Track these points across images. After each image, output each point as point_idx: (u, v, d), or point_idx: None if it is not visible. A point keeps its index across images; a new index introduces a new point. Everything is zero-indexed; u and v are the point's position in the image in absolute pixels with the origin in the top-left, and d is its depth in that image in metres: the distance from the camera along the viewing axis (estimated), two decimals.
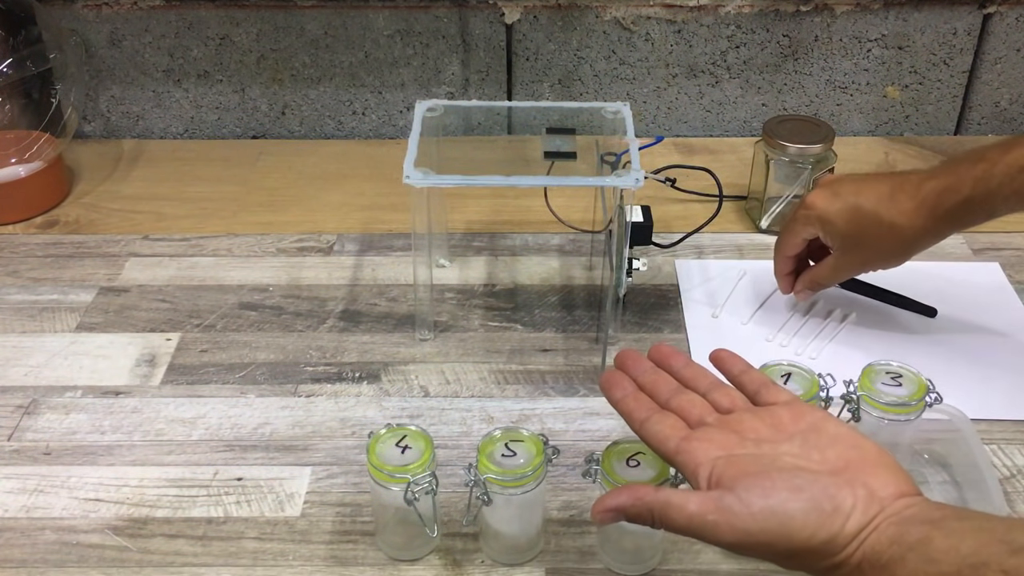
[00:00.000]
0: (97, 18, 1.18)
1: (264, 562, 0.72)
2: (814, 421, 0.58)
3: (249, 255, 1.04)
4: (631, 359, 0.66)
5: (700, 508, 0.54)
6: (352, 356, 0.90)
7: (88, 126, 1.25)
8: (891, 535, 0.50)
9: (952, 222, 0.80)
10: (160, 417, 0.84)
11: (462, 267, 1.02)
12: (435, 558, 0.72)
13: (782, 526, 0.52)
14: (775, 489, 0.53)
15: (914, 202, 0.80)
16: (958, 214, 0.78)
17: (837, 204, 0.83)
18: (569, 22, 1.18)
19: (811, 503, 0.52)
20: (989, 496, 0.71)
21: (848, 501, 0.52)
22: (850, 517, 0.51)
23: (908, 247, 0.83)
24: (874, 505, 0.52)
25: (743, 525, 0.52)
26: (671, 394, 0.63)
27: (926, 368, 0.74)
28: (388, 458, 0.67)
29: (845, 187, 0.84)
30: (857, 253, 0.85)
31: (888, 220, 0.81)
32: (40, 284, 1.00)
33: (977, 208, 0.78)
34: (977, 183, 0.77)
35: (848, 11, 1.17)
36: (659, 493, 0.56)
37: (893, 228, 0.81)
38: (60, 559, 0.72)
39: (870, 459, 0.55)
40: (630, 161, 0.83)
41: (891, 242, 0.82)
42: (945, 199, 0.78)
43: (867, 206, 0.82)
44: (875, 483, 0.53)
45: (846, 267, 0.88)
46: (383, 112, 1.24)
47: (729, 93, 1.23)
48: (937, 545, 0.49)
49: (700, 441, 0.58)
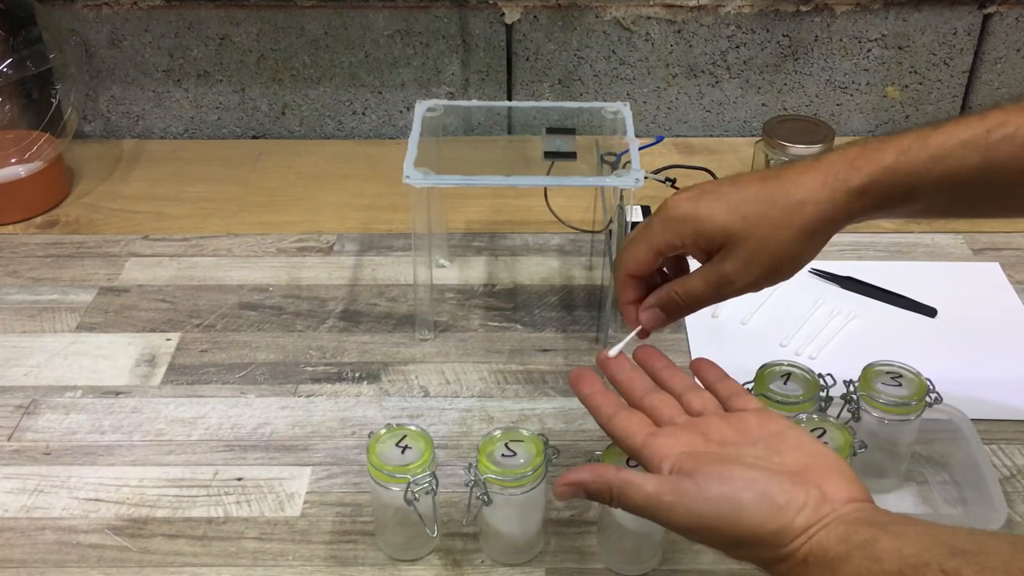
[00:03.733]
0: (97, 18, 1.18)
1: (264, 562, 0.72)
2: (779, 429, 0.59)
3: (249, 255, 1.04)
4: (613, 361, 0.67)
5: (657, 489, 0.56)
6: (352, 356, 0.90)
7: (88, 126, 1.25)
8: (839, 533, 0.52)
9: (866, 200, 0.63)
10: (160, 417, 0.84)
11: (462, 267, 1.02)
12: (435, 558, 0.72)
13: (734, 512, 0.53)
14: (732, 479, 0.54)
15: (814, 173, 0.63)
16: (875, 190, 0.62)
17: (708, 199, 0.65)
18: (569, 22, 1.18)
19: (764, 495, 0.53)
20: (989, 496, 0.71)
21: (800, 498, 0.53)
22: (800, 512, 0.53)
23: (812, 234, 0.64)
24: (825, 505, 0.53)
25: (697, 508, 0.54)
26: (645, 392, 0.64)
27: (926, 368, 0.74)
28: (388, 458, 0.67)
29: (713, 185, 0.67)
30: (742, 253, 0.64)
31: (784, 199, 0.63)
32: (40, 284, 1.00)
33: (898, 185, 0.62)
34: (902, 153, 0.62)
35: (848, 11, 1.17)
36: (620, 472, 0.58)
37: (791, 206, 0.63)
38: (60, 559, 0.72)
39: (828, 466, 0.56)
40: (630, 161, 0.83)
41: (789, 230, 0.63)
42: (859, 168, 0.62)
43: (751, 192, 0.64)
44: (829, 487, 0.54)
45: (726, 277, 0.65)
46: (383, 112, 1.24)
47: (729, 93, 1.23)
48: (882, 545, 0.50)
49: (666, 438, 0.59)
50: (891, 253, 1.03)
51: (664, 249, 0.66)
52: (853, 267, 0.99)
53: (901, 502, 0.76)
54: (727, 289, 0.66)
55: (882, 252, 1.03)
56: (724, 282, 0.65)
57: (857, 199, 0.63)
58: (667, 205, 0.66)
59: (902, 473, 0.77)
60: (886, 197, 0.63)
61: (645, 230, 0.67)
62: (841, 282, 0.97)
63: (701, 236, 0.64)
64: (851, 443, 0.68)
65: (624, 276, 0.68)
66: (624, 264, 0.68)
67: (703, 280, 0.66)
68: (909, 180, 0.62)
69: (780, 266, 0.65)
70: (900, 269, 1.00)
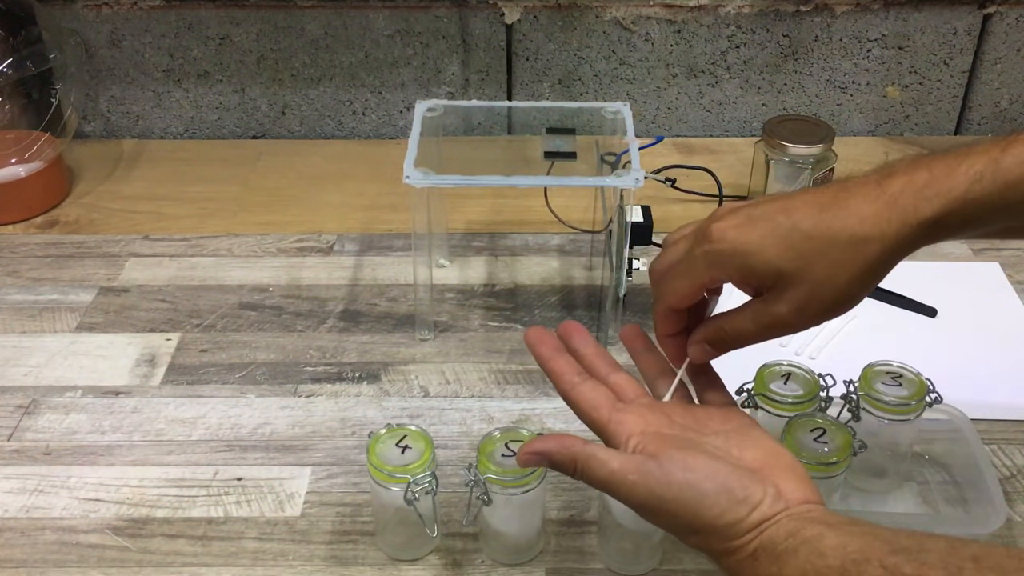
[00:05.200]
0: (97, 18, 1.18)
1: (264, 562, 0.72)
2: (741, 425, 0.60)
3: (249, 255, 1.04)
4: (577, 335, 0.67)
5: (622, 467, 0.56)
6: (352, 356, 0.90)
7: (88, 126, 1.25)
8: (789, 529, 0.53)
9: (938, 233, 0.58)
10: (160, 417, 0.84)
11: (462, 267, 1.02)
12: (435, 558, 0.72)
13: (695, 500, 0.54)
14: (696, 467, 0.55)
15: (879, 205, 0.57)
16: (947, 221, 0.57)
17: (759, 230, 0.58)
18: (569, 22, 1.18)
19: (725, 487, 0.54)
20: (989, 496, 0.71)
21: (758, 494, 0.54)
22: (756, 508, 0.54)
23: (875, 273, 0.58)
24: (780, 503, 0.54)
25: (659, 491, 0.55)
26: (610, 370, 0.65)
27: (926, 368, 0.74)
28: (388, 458, 0.67)
29: (761, 208, 0.59)
30: (799, 295, 0.58)
31: (845, 233, 0.57)
32: (40, 284, 1.00)
33: (970, 216, 0.57)
34: (975, 182, 0.56)
35: (848, 11, 1.17)
36: (586, 446, 0.58)
37: (854, 243, 0.57)
38: (60, 559, 0.72)
39: (785, 466, 0.57)
40: (630, 161, 0.83)
41: (851, 270, 0.57)
42: (929, 199, 0.57)
43: (807, 225, 0.58)
44: (785, 486, 0.55)
45: (780, 319, 0.59)
46: (383, 112, 1.24)
47: (729, 93, 1.23)
48: (828, 542, 0.51)
49: (632, 414, 0.60)
50: None
51: (708, 284, 0.62)
52: None
53: (901, 502, 0.76)
54: (780, 331, 0.61)
55: None
56: (777, 324, 0.60)
57: (926, 232, 0.57)
58: (711, 234, 0.59)
59: (902, 473, 0.77)
60: (958, 227, 0.58)
61: (687, 261, 0.61)
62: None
63: (752, 274, 0.59)
64: (851, 443, 0.69)
65: (665, 309, 0.64)
66: (665, 298, 0.63)
67: (754, 321, 0.61)
68: (983, 209, 0.57)
69: (839, 307, 0.59)
70: (900, 269, 0.98)
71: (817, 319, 0.59)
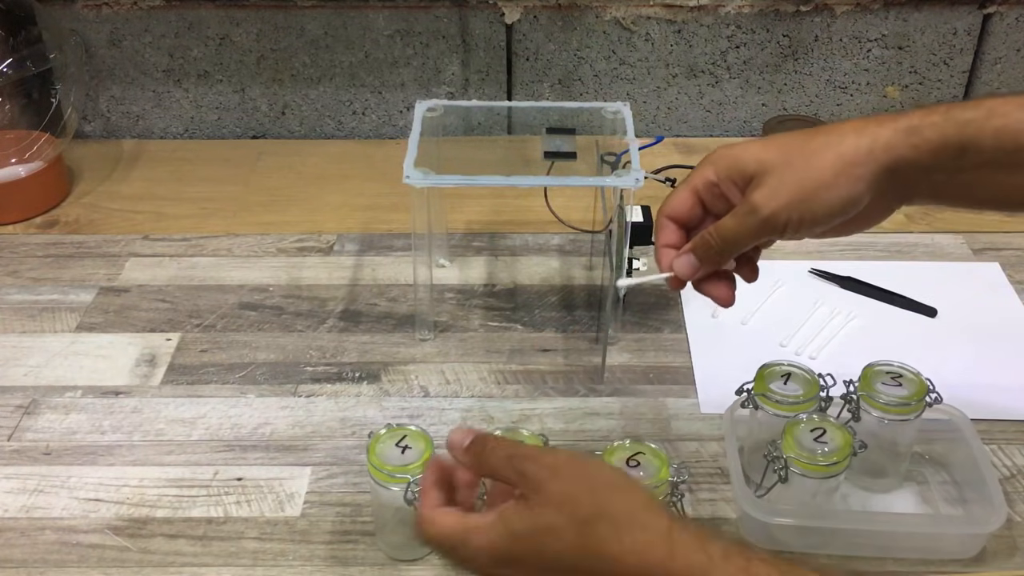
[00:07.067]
0: (97, 18, 1.18)
1: (264, 562, 0.72)
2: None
3: (249, 255, 1.04)
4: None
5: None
6: (352, 356, 0.90)
7: (88, 126, 1.25)
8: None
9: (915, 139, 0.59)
10: (160, 417, 0.84)
11: (462, 267, 1.02)
12: (435, 558, 0.72)
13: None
14: None
15: (861, 119, 0.62)
16: (926, 131, 0.59)
17: (751, 146, 0.63)
18: (569, 22, 1.18)
19: None
20: (989, 496, 0.71)
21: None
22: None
23: (851, 164, 0.60)
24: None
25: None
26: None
27: (926, 368, 0.74)
28: (388, 458, 0.67)
29: (754, 139, 0.65)
30: (771, 179, 0.61)
31: (825, 133, 0.61)
32: (40, 284, 1.00)
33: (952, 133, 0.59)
34: (954, 107, 0.59)
35: (848, 11, 1.17)
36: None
37: (829, 140, 0.61)
38: (60, 559, 0.72)
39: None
40: (630, 161, 0.83)
41: (825, 156, 0.60)
42: (908, 114, 0.60)
43: (793, 134, 0.63)
44: None
45: (754, 205, 0.61)
46: (383, 112, 1.24)
47: (729, 93, 1.23)
48: None
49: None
50: (891, 253, 1.03)
51: (700, 186, 0.64)
52: (853, 267, 0.99)
53: (901, 502, 0.76)
54: (760, 225, 0.61)
55: (882, 252, 1.03)
56: (751, 211, 0.61)
57: (904, 136, 0.59)
58: (708, 156, 0.66)
59: (902, 473, 0.77)
60: (939, 144, 0.59)
61: (687, 176, 0.66)
62: (841, 282, 0.97)
63: (734, 168, 0.63)
64: (851, 443, 0.69)
65: (663, 218, 0.66)
66: (663, 206, 0.66)
67: (732, 215, 0.62)
68: (963, 130, 0.58)
69: (814, 193, 0.60)
70: (900, 269, 1.00)
71: (794, 207, 0.60)
